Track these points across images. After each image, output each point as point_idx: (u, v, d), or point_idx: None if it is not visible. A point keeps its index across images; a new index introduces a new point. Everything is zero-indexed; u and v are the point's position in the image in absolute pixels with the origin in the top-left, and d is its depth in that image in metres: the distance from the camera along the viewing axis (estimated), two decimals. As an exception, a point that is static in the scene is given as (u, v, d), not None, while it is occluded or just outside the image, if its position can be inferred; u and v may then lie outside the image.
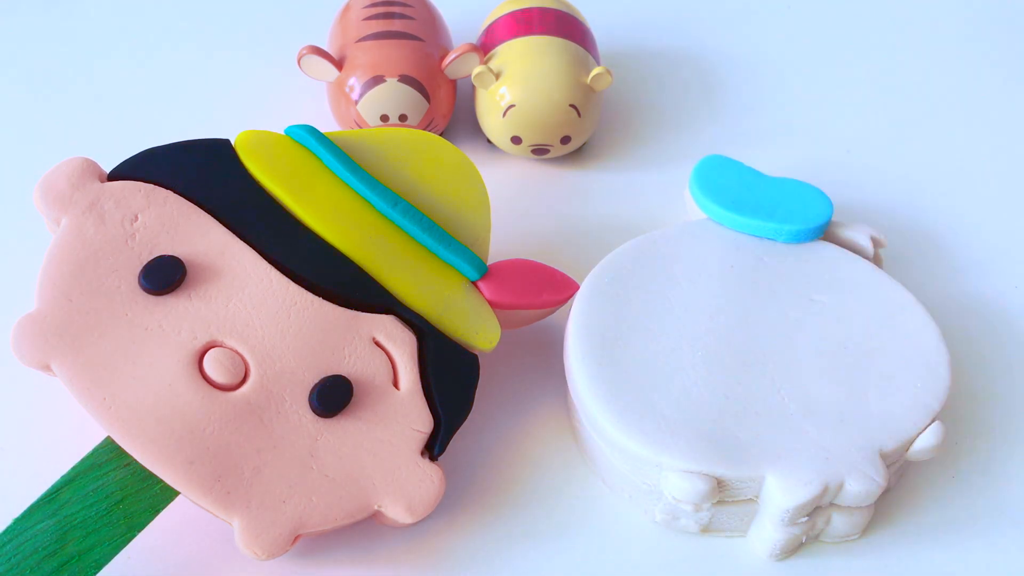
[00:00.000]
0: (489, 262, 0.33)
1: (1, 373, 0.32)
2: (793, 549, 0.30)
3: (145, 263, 0.29)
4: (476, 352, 0.31)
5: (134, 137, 0.34)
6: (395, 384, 0.29)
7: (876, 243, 0.33)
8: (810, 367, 0.30)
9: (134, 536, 0.27)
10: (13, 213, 0.37)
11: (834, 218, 0.35)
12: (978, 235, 0.38)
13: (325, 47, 0.39)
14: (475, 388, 0.30)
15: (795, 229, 0.33)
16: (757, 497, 0.28)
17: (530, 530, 0.30)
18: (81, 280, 0.29)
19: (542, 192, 0.39)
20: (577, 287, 0.32)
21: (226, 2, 0.46)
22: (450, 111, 0.39)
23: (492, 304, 0.31)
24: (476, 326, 0.31)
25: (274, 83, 0.42)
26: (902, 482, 0.31)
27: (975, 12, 0.47)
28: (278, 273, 0.30)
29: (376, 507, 0.28)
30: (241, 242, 0.30)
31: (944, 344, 0.30)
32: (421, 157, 0.33)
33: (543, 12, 0.38)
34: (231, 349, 0.29)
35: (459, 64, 0.37)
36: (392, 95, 0.37)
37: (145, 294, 0.29)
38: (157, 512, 0.27)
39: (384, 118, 0.37)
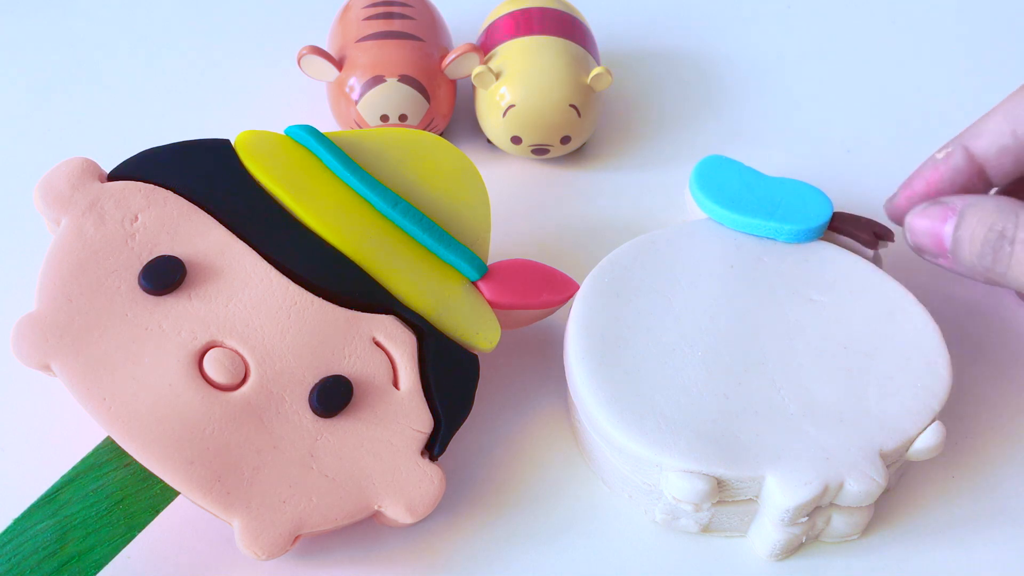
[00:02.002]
0: (489, 262, 0.33)
1: (1, 373, 0.32)
2: (793, 549, 0.30)
3: (145, 263, 0.29)
4: (476, 352, 0.31)
5: (134, 137, 0.34)
6: (395, 384, 0.29)
7: (882, 236, 0.33)
8: (810, 367, 0.30)
9: (134, 536, 0.27)
10: (13, 213, 0.37)
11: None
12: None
13: (325, 47, 0.39)
14: (475, 388, 0.30)
15: (795, 229, 0.33)
16: (757, 497, 0.28)
17: (530, 530, 0.30)
18: (81, 280, 0.29)
19: (542, 192, 0.39)
20: (577, 287, 0.32)
21: (226, 2, 0.46)
22: (450, 111, 0.39)
23: (492, 304, 0.31)
24: (476, 326, 0.31)
25: (274, 83, 0.42)
26: (902, 482, 0.31)
27: (975, 12, 0.47)
28: (278, 273, 0.30)
29: (376, 507, 0.28)
30: (241, 242, 0.30)
31: (944, 344, 0.30)
32: (421, 157, 0.33)
33: (543, 12, 0.38)
34: (231, 349, 0.29)
35: (459, 64, 0.37)
36: (392, 95, 0.37)
37: (145, 294, 0.29)
38: (157, 512, 0.27)
39: (384, 118, 0.37)
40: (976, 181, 0.32)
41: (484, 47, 0.39)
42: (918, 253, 0.32)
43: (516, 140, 0.38)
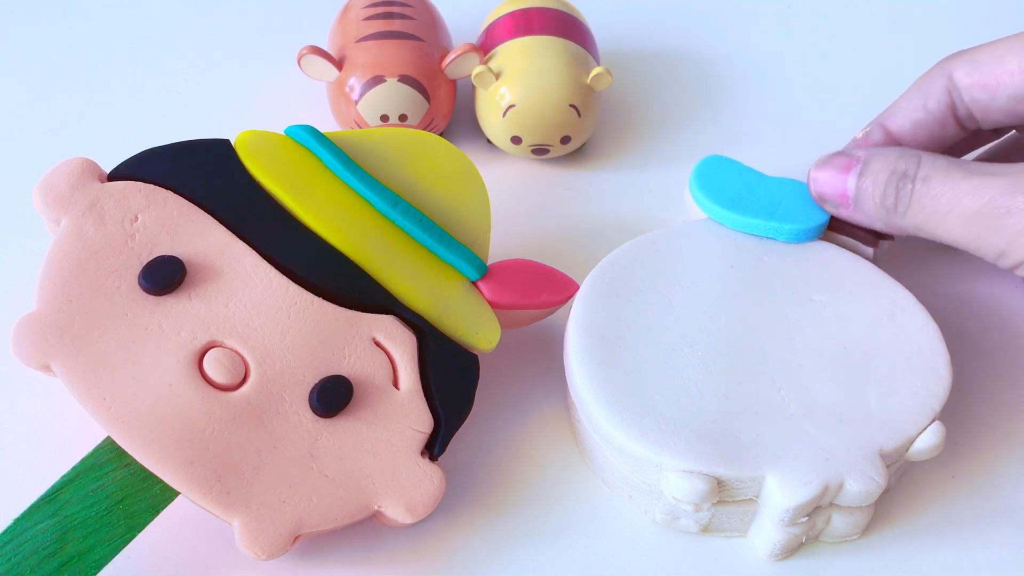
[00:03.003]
0: (489, 262, 0.33)
1: (1, 373, 0.32)
2: (793, 549, 0.30)
3: (145, 263, 0.29)
4: (476, 352, 0.31)
5: (134, 137, 0.34)
6: (395, 384, 0.29)
7: (882, 235, 0.33)
8: (810, 367, 0.30)
9: (134, 536, 0.27)
10: (13, 213, 0.37)
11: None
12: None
13: (325, 47, 0.39)
14: (475, 388, 0.30)
15: (795, 229, 0.33)
16: (757, 497, 0.28)
17: (530, 530, 0.30)
18: (81, 280, 0.29)
19: (542, 192, 0.39)
20: (577, 287, 0.32)
21: (226, 2, 0.46)
22: (450, 111, 0.39)
23: (492, 304, 0.31)
24: (476, 326, 0.31)
25: (274, 83, 0.42)
26: (902, 482, 0.31)
27: (975, 12, 0.47)
28: (278, 273, 0.30)
29: (376, 507, 0.28)
30: (241, 242, 0.30)
31: (944, 344, 0.30)
32: (421, 157, 0.33)
33: (543, 12, 0.38)
34: (231, 349, 0.29)
35: (459, 64, 0.37)
36: (392, 95, 0.37)
37: (145, 294, 0.29)
38: (157, 512, 0.27)
39: (384, 118, 0.37)
40: None
41: (484, 47, 0.39)
42: (819, 203, 0.32)
43: (516, 140, 0.38)
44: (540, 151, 0.38)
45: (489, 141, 0.39)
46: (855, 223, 0.32)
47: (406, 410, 0.29)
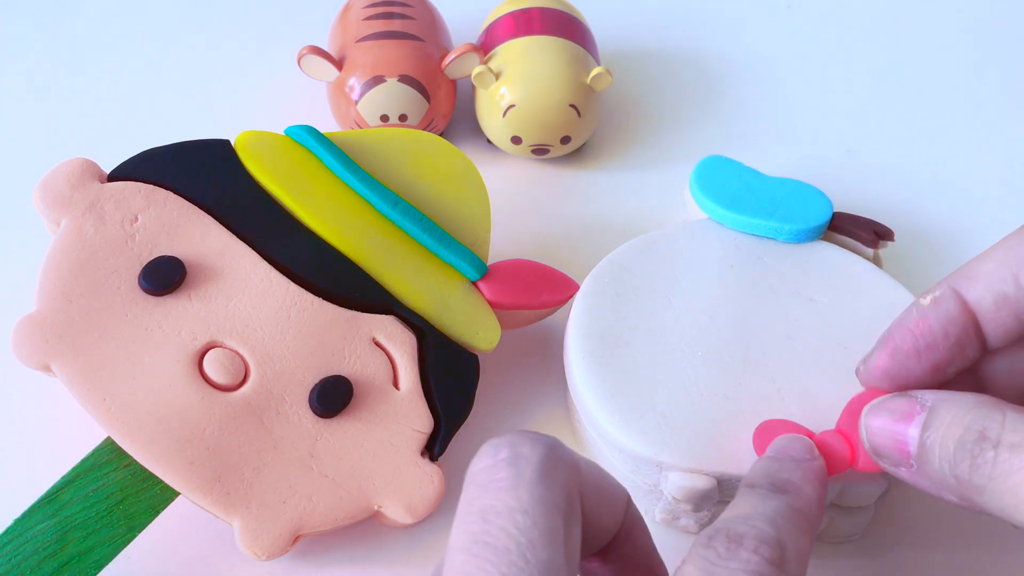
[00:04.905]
0: (489, 262, 0.33)
1: (1, 373, 0.32)
2: (793, 549, 0.30)
3: (145, 264, 0.29)
4: (476, 352, 0.31)
5: (134, 137, 0.34)
6: (395, 384, 0.29)
7: (883, 235, 0.33)
8: (810, 367, 0.30)
9: (134, 536, 0.27)
10: (13, 213, 0.37)
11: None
12: (978, 235, 0.38)
13: (325, 47, 0.39)
14: (475, 388, 0.30)
15: (795, 229, 0.33)
16: (757, 497, 0.28)
17: (530, 530, 0.30)
18: (81, 281, 0.29)
19: (542, 192, 0.39)
20: (577, 287, 0.32)
21: (226, 2, 0.46)
22: (450, 111, 0.39)
23: (492, 304, 0.31)
24: (476, 326, 0.31)
25: (274, 83, 0.42)
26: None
27: (975, 12, 0.47)
28: (278, 273, 0.30)
29: (376, 507, 0.28)
30: (241, 243, 0.30)
31: (944, 344, 0.30)
32: (421, 157, 0.33)
33: (543, 12, 0.38)
34: (231, 350, 0.29)
35: (459, 64, 0.37)
36: (392, 95, 0.37)
37: (145, 295, 0.29)
38: (157, 512, 0.27)
39: (384, 118, 0.37)
40: (971, 337, 0.25)
41: (484, 47, 0.39)
42: (875, 459, 0.25)
43: (516, 140, 0.38)
44: (540, 151, 0.38)
45: (489, 141, 0.39)
46: (921, 488, 0.24)
47: (406, 410, 0.29)
